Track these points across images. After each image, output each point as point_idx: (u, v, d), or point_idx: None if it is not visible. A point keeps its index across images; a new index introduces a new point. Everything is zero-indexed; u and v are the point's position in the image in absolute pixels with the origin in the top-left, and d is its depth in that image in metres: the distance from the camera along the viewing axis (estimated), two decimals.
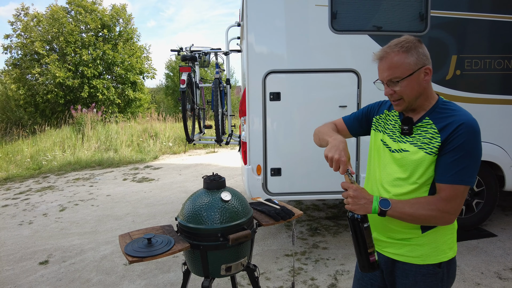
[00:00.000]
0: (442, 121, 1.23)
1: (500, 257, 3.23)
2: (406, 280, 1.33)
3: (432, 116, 1.27)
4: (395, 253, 1.35)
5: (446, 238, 1.30)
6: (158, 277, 3.11)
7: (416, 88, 1.25)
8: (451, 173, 1.18)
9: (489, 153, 3.49)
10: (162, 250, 1.59)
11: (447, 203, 1.19)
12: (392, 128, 1.37)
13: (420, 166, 1.24)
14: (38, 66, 13.06)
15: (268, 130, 3.28)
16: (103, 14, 14.28)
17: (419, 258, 1.29)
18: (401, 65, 1.23)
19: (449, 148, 1.18)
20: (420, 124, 1.28)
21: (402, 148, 1.29)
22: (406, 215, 1.22)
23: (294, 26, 3.27)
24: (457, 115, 1.22)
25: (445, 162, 1.20)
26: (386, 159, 1.36)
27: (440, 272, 1.29)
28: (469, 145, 1.17)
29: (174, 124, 11.94)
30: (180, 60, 4.31)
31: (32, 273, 3.28)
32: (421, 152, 1.24)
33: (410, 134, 1.28)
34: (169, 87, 22.21)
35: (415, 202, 1.22)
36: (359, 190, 1.24)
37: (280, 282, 2.94)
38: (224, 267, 1.75)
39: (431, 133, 1.24)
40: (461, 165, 1.17)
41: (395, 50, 1.24)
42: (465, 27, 3.37)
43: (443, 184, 1.20)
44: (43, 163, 8.37)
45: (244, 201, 1.89)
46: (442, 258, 1.28)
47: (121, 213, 4.91)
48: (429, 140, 1.23)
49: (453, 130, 1.18)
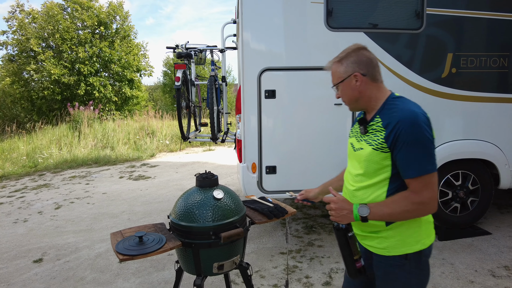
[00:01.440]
0: (387, 118, 1.33)
1: (494, 255, 3.23)
2: (378, 272, 1.43)
3: (382, 113, 1.36)
4: (368, 245, 1.45)
5: (411, 231, 1.35)
6: (153, 275, 3.11)
7: (350, 93, 1.40)
8: (410, 167, 1.26)
9: (484, 151, 3.50)
10: (153, 248, 1.58)
11: (418, 195, 1.26)
12: (358, 131, 1.49)
13: (370, 161, 1.35)
14: (34, 63, 12.98)
15: (263, 128, 3.27)
16: (99, 11, 14.18)
17: (385, 250, 1.37)
18: (335, 73, 1.43)
19: (398, 146, 1.27)
20: (372, 123, 1.39)
21: (361, 146, 1.41)
22: (386, 216, 1.30)
23: (290, 23, 3.25)
24: (398, 111, 1.31)
25: (400, 159, 1.28)
26: (351, 158, 1.51)
27: (407, 264, 1.34)
28: (413, 137, 1.24)
29: (171, 122, 11.91)
30: (176, 58, 4.28)
31: (26, 271, 3.26)
32: (369, 148, 1.35)
33: (365, 133, 1.40)
34: (167, 84, 22.14)
35: (391, 201, 1.30)
36: (340, 202, 1.35)
37: (275, 280, 2.94)
38: (216, 265, 1.74)
39: (378, 130, 1.34)
40: (414, 157, 1.25)
41: (333, 61, 1.44)
42: (461, 25, 3.36)
43: (409, 179, 1.28)
44: (39, 161, 8.33)
45: (237, 199, 1.88)
46: (407, 250, 1.33)
47: (117, 211, 4.90)
48: (376, 137, 1.34)
49: (393, 127, 1.27)
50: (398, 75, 3.33)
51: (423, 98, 3.36)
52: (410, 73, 3.34)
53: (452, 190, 3.59)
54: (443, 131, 3.44)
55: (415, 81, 3.35)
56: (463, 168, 3.57)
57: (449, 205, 3.61)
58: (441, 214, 3.60)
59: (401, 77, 3.34)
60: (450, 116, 3.44)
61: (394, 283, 1.38)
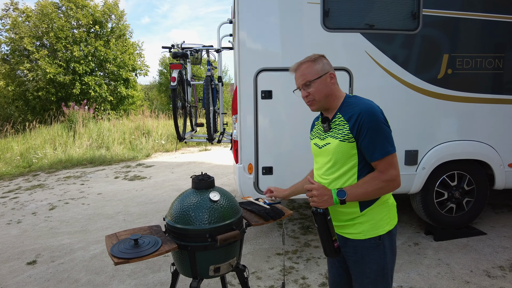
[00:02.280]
0: (348, 113, 1.51)
1: (490, 255, 3.25)
2: (355, 257, 1.57)
3: (342, 110, 1.55)
4: (346, 232, 1.59)
5: (382, 215, 1.54)
6: (148, 276, 3.08)
7: (325, 89, 1.55)
8: (375, 151, 1.45)
9: (479, 152, 3.51)
10: (149, 251, 1.56)
11: (385, 173, 1.46)
12: (320, 132, 1.65)
13: (338, 152, 1.51)
14: (28, 62, 12.85)
15: (259, 129, 3.26)
16: (94, 10, 14.08)
17: (361, 234, 1.53)
18: (309, 71, 1.54)
19: (362, 134, 1.45)
20: (334, 119, 1.56)
21: (326, 142, 1.58)
22: (361, 195, 1.47)
23: (286, 24, 3.24)
24: (357, 105, 1.50)
25: (365, 145, 1.46)
26: (317, 157, 1.66)
27: (381, 244, 1.53)
28: (374, 124, 1.44)
29: (166, 122, 11.86)
30: (172, 57, 4.25)
31: (19, 273, 3.22)
32: (336, 141, 1.52)
33: (329, 129, 1.57)
34: (163, 84, 22.06)
35: (363, 182, 1.48)
36: (321, 189, 1.47)
37: (271, 281, 2.93)
38: (212, 268, 1.73)
39: (342, 124, 1.52)
40: (377, 141, 1.44)
41: (304, 61, 1.57)
42: (457, 26, 3.37)
43: (375, 161, 1.47)
44: (33, 161, 8.25)
45: (233, 201, 1.86)
46: (380, 232, 1.53)
47: (112, 212, 4.86)
48: (341, 130, 1.51)
49: (356, 119, 1.46)
50: (394, 75, 3.34)
51: (419, 99, 3.37)
52: (406, 73, 3.34)
53: (448, 191, 3.61)
54: (439, 132, 3.45)
55: (411, 82, 3.36)
56: (459, 168, 3.58)
57: (444, 205, 3.63)
58: (437, 214, 3.61)
59: (397, 77, 3.34)
60: (446, 117, 3.45)
61: (371, 264, 1.54)
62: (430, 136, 3.44)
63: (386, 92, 3.35)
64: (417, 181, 3.45)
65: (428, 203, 3.58)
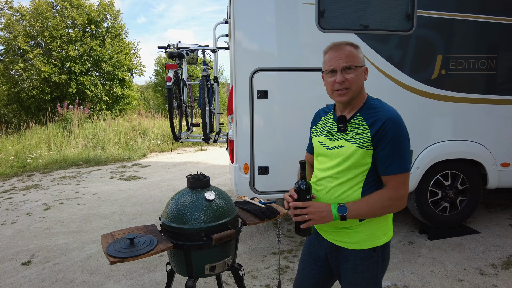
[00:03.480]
0: (370, 118, 1.38)
1: (482, 253, 3.29)
2: (347, 265, 1.46)
3: (363, 112, 1.41)
4: (337, 240, 1.48)
5: (380, 225, 1.43)
6: (144, 276, 3.08)
7: (361, 82, 1.41)
8: (391, 165, 1.33)
9: (473, 151, 3.55)
10: (144, 250, 1.57)
11: (397, 191, 1.34)
12: (329, 130, 1.50)
13: (353, 158, 1.37)
14: (22, 61, 12.75)
15: (255, 129, 3.27)
16: (90, 9, 14.01)
17: (356, 244, 1.42)
18: (356, 56, 1.39)
19: (383, 143, 1.33)
20: (353, 120, 1.42)
21: (339, 144, 1.42)
22: (364, 213, 1.36)
23: (282, 24, 3.26)
24: (382, 111, 1.37)
25: (383, 156, 1.33)
26: (322, 155, 1.51)
27: (376, 255, 1.43)
28: (397, 136, 1.32)
29: (162, 122, 11.83)
30: (167, 57, 4.25)
31: (13, 274, 3.21)
32: (354, 146, 1.37)
33: (345, 130, 1.41)
34: (159, 84, 22.01)
35: (368, 200, 1.35)
36: (317, 205, 1.36)
37: (267, 280, 2.94)
38: (208, 267, 1.74)
39: (362, 128, 1.38)
40: (397, 155, 1.32)
41: (349, 44, 1.41)
42: (451, 27, 3.41)
43: (389, 176, 1.34)
44: (28, 161, 8.20)
45: (228, 200, 1.87)
46: (376, 243, 1.42)
47: (107, 212, 4.85)
48: (360, 135, 1.37)
49: (381, 126, 1.33)
50: (389, 76, 3.37)
51: (413, 99, 3.41)
52: (401, 74, 3.37)
53: (442, 190, 3.64)
54: (433, 132, 3.48)
55: (406, 82, 3.39)
56: (452, 168, 3.62)
57: (438, 204, 3.66)
58: (431, 213, 3.64)
59: (391, 78, 3.37)
60: (440, 117, 3.49)
61: (363, 274, 1.44)
62: (424, 136, 3.47)
63: (380, 92, 3.33)
64: (411, 180, 3.48)
65: (422, 202, 3.61)
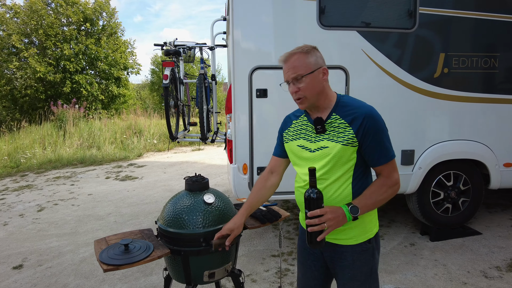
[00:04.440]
0: (348, 115, 1.41)
1: (486, 255, 3.24)
2: (345, 262, 1.49)
3: (338, 111, 1.43)
4: (332, 238, 1.50)
5: (370, 218, 1.50)
6: (140, 280, 2.99)
7: (316, 86, 1.41)
8: (381, 156, 1.41)
9: (475, 151, 3.50)
10: (140, 257, 1.48)
11: (390, 178, 1.43)
12: (305, 132, 1.51)
13: (339, 157, 1.40)
14: (17, 60, 12.57)
15: (254, 128, 3.19)
16: (85, 7, 13.84)
17: (352, 239, 1.47)
18: (303, 64, 1.39)
19: (368, 139, 1.38)
20: (330, 120, 1.44)
21: (321, 146, 1.44)
22: (370, 207, 1.42)
23: (282, 21, 3.17)
24: (358, 108, 1.41)
25: (370, 150, 1.40)
26: (305, 160, 1.49)
27: (371, 247, 1.49)
28: (378, 128, 1.39)
29: (158, 121, 11.71)
30: (164, 55, 4.15)
31: (4, 278, 3.10)
32: (338, 145, 1.40)
33: (324, 131, 1.43)
34: (155, 83, 21.83)
35: (370, 192, 1.41)
36: (332, 210, 1.34)
37: (267, 284, 2.86)
38: (207, 274, 1.66)
39: (342, 127, 1.41)
40: (383, 146, 1.40)
41: (297, 52, 1.40)
42: (453, 25, 3.34)
43: (381, 166, 1.43)
44: (21, 161, 8.05)
45: (228, 203, 1.79)
46: (369, 235, 1.49)
47: (103, 213, 4.74)
48: (342, 133, 1.40)
49: (362, 122, 1.37)
50: (390, 74, 3.30)
51: (415, 98, 3.34)
52: (402, 72, 3.31)
53: (444, 191, 3.58)
54: (435, 131, 3.42)
55: (407, 81, 3.32)
56: (455, 168, 3.56)
57: (440, 205, 3.60)
58: (433, 214, 3.58)
59: (393, 76, 3.30)
60: (442, 117, 3.43)
61: (361, 268, 1.48)
62: (426, 135, 3.41)
63: (382, 91, 3.31)
64: (413, 181, 3.42)
65: (424, 203, 3.55)
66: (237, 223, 1.60)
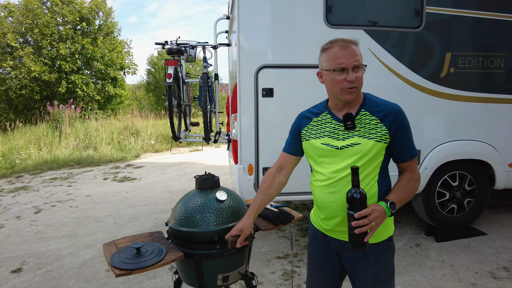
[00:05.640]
0: (378, 112, 1.41)
1: (492, 256, 3.21)
2: (367, 261, 1.46)
3: (366, 107, 1.43)
4: None
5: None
6: (144, 283, 2.92)
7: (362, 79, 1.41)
8: (408, 152, 1.45)
9: (481, 151, 3.48)
10: (153, 261, 1.42)
11: (415, 173, 1.47)
12: (331, 130, 1.47)
13: (372, 153, 1.39)
14: (11, 59, 12.39)
15: (260, 128, 3.13)
16: (81, 6, 13.70)
17: (375, 238, 1.44)
18: (361, 55, 1.39)
19: (399, 134, 1.41)
20: (359, 116, 1.42)
21: (352, 142, 1.40)
22: (403, 201, 1.42)
23: (288, 19, 3.13)
24: (386, 105, 1.43)
25: (400, 146, 1.43)
26: (331, 157, 1.45)
27: (391, 244, 1.50)
28: (407, 125, 1.43)
29: (156, 121, 11.62)
30: (166, 54, 4.08)
31: (3, 282, 3.01)
32: (372, 141, 1.39)
33: (354, 128, 1.41)
34: (151, 83, 21.67)
35: (402, 187, 1.42)
36: (377, 208, 1.31)
37: (274, 286, 2.81)
38: (221, 277, 1.60)
39: (374, 123, 1.40)
40: (409, 142, 1.45)
41: (353, 41, 1.39)
42: (460, 25, 3.32)
43: (408, 162, 1.45)
44: (16, 162, 7.92)
45: (240, 201, 1.75)
46: (390, 233, 1.49)
47: (102, 215, 4.65)
48: (374, 130, 1.39)
49: (394, 118, 1.39)
50: (397, 73, 3.27)
51: (422, 98, 3.31)
52: (409, 72, 3.28)
53: (449, 191, 3.56)
54: (441, 131, 3.40)
55: (414, 80, 3.30)
56: (460, 168, 3.54)
57: (446, 206, 3.58)
58: (438, 215, 3.56)
59: (399, 75, 3.27)
60: (448, 116, 3.40)
61: (384, 266, 1.47)
62: (432, 135, 3.39)
63: (389, 90, 3.27)
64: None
65: (430, 204, 3.52)
66: (246, 223, 1.54)
